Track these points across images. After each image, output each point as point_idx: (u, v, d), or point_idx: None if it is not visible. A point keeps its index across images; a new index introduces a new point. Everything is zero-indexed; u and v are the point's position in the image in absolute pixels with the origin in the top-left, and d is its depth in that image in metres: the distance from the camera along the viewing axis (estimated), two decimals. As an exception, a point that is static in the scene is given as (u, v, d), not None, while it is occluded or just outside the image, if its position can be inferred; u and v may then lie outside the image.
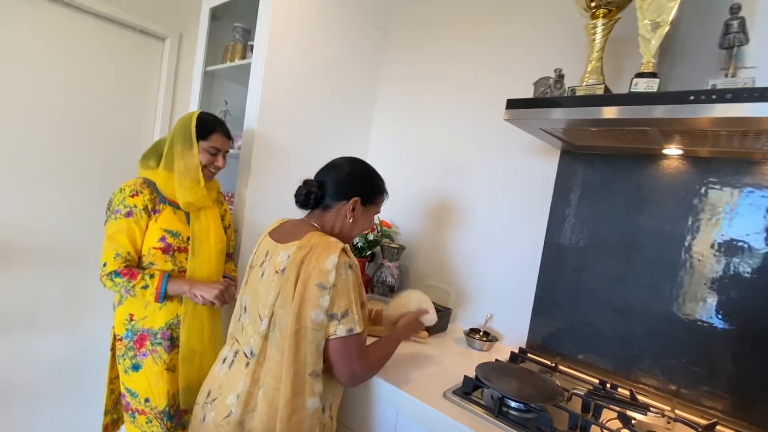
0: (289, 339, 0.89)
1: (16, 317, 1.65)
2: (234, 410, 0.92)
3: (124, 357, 1.24)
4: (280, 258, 0.96)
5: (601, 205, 1.37)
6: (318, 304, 0.89)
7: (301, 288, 0.89)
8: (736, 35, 0.84)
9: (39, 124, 1.62)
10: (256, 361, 0.94)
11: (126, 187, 1.23)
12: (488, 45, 1.68)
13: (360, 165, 1.13)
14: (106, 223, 1.22)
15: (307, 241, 0.95)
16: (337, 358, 0.92)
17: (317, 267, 0.90)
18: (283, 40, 1.62)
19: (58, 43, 1.62)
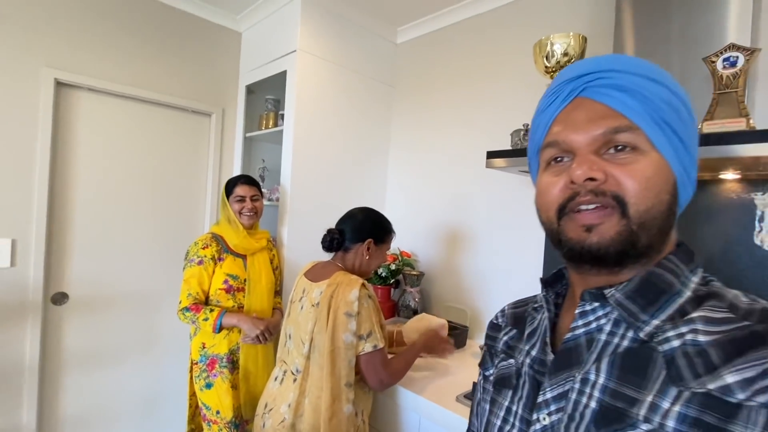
0: (326, 357, 1.15)
1: (106, 355, 1.99)
2: (287, 416, 1.18)
3: (200, 378, 1.55)
4: (314, 294, 1.23)
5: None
6: (347, 328, 1.15)
7: (332, 316, 1.16)
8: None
9: (119, 194, 2.00)
10: (302, 376, 1.20)
11: (199, 241, 1.59)
12: (479, 95, 1.94)
13: (371, 213, 1.41)
14: (184, 269, 1.57)
15: (334, 279, 1.22)
16: (367, 368, 1.17)
17: (344, 299, 1.16)
18: (307, 108, 1.95)
19: (130, 128, 2.02)
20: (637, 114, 0.42)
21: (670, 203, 0.43)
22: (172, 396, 2.19)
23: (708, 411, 0.37)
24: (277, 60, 2.02)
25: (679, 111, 0.43)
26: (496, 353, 0.60)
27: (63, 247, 1.86)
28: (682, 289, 0.44)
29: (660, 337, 0.41)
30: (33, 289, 1.76)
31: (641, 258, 0.44)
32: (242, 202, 1.66)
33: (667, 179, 0.43)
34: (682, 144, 0.43)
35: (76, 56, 1.83)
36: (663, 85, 0.43)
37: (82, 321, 1.92)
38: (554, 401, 0.46)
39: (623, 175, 0.42)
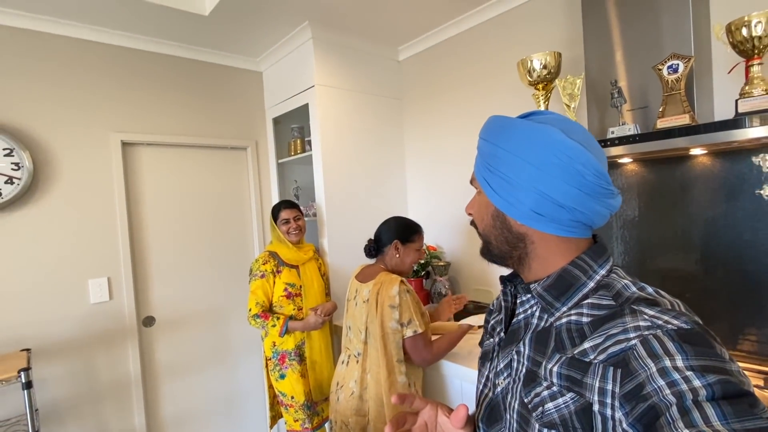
0: (379, 341, 1.45)
1: (187, 365, 2.36)
2: (354, 390, 1.50)
3: (274, 371, 1.90)
4: (364, 292, 1.54)
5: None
6: (391, 317, 1.45)
7: (380, 309, 1.46)
8: (617, 99, 1.30)
9: (181, 228, 2.36)
10: (362, 357, 1.51)
11: (260, 258, 1.93)
12: (480, 98, 2.19)
13: (397, 219, 1.70)
14: (250, 282, 1.91)
15: (379, 279, 1.52)
16: (411, 350, 1.47)
17: (387, 294, 1.46)
18: (330, 133, 2.25)
19: (182, 170, 2.37)
20: (476, 167, 0.64)
21: (492, 225, 0.62)
22: (248, 393, 2.56)
23: (573, 369, 0.50)
24: (298, 95, 2.32)
25: (497, 156, 0.59)
26: (486, 333, 0.76)
27: (145, 279, 2.23)
28: (587, 281, 0.57)
29: (559, 318, 0.56)
30: (128, 315, 2.13)
31: (507, 258, 0.63)
32: (287, 224, 1.98)
33: (487, 209, 0.63)
34: (503, 180, 0.58)
35: (134, 119, 2.18)
36: (484, 140, 0.62)
37: (168, 338, 2.30)
38: (504, 369, 0.61)
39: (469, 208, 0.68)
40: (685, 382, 0.41)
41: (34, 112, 1.90)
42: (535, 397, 0.53)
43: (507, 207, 0.59)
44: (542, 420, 0.52)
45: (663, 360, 0.44)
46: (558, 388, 0.51)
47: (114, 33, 2.09)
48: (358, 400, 1.49)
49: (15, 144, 1.82)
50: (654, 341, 0.45)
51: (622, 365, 0.46)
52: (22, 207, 1.87)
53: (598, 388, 0.47)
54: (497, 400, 0.62)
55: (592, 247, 0.60)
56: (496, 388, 0.62)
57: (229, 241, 2.54)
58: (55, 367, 1.93)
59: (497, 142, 0.59)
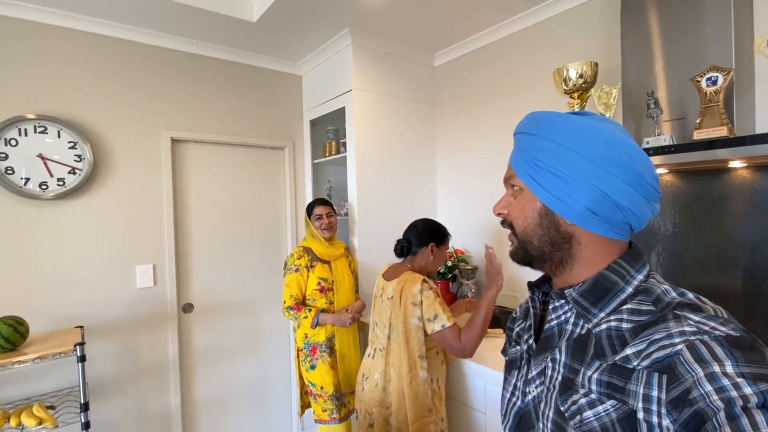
0: (402, 336, 1.51)
1: (221, 351, 2.48)
2: (379, 382, 1.56)
3: (305, 361, 1.98)
4: (389, 290, 1.60)
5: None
6: (413, 314, 1.50)
7: (403, 306, 1.52)
8: (653, 110, 1.30)
9: (222, 221, 2.49)
10: (386, 351, 1.57)
11: (294, 253, 2.03)
12: (512, 107, 2.21)
13: (431, 222, 1.75)
14: (285, 276, 2.00)
15: (402, 278, 1.58)
16: (443, 342, 1.51)
17: (409, 292, 1.51)
18: (364, 135, 2.32)
19: (225, 167, 2.50)
20: (516, 164, 0.61)
21: (538, 223, 0.59)
22: (276, 381, 2.66)
23: (614, 376, 0.49)
24: (335, 98, 2.41)
25: (548, 151, 0.56)
26: (511, 341, 0.74)
27: (187, 268, 2.37)
28: (625, 286, 0.55)
29: (598, 325, 0.54)
30: (170, 301, 2.27)
31: (545, 261, 0.60)
32: (321, 220, 2.07)
33: (533, 207, 0.59)
34: (554, 175, 0.56)
35: (183, 118, 2.33)
36: (535, 135, 0.59)
37: (204, 325, 2.43)
38: (537, 377, 0.60)
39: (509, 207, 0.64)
40: (735, 389, 0.40)
41: (94, 109, 2.07)
42: (573, 404, 0.52)
43: (558, 204, 0.56)
44: (581, 428, 0.50)
45: (711, 365, 0.42)
46: (597, 395, 0.50)
47: (168, 37, 2.24)
48: (382, 392, 1.54)
49: (78, 137, 1.99)
50: (701, 346, 0.44)
51: (668, 371, 0.45)
52: (81, 196, 2.03)
53: (643, 395, 0.46)
54: (528, 409, 0.60)
55: (629, 251, 0.58)
56: (526, 396, 0.61)
57: (265, 236, 2.65)
58: (103, 345, 2.09)
59: (549, 136, 0.56)
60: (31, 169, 1.90)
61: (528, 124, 0.61)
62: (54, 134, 1.95)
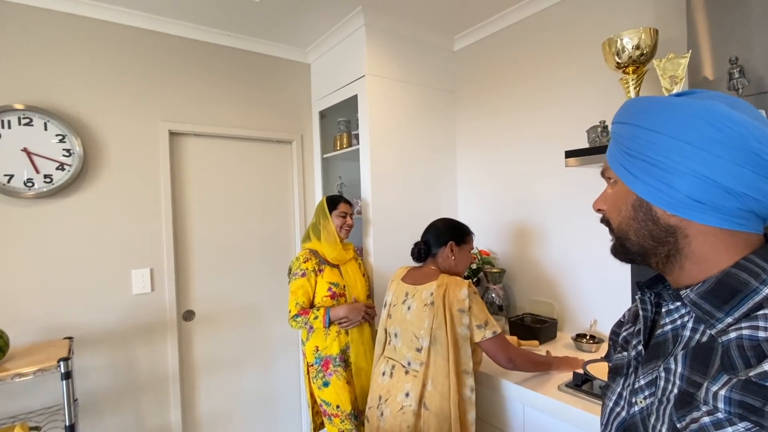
0: (450, 348, 1.30)
1: (225, 362, 2.29)
2: (406, 404, 1.34)
3: (317, 378, 1.76)
4: (424, 295, 1.38)
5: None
6: (461, 322, 1.31)
7: (449, 313, 1.32)
8: (737, 80, 1.07)
9: (225, 221, 2.30)
10: (424, 369, 1.34)
11: (300, 256, 1.81)
12: (545, 93, 1.98)
13: (448, 220, 1.56)
14: (290, 282, 1.79)
15: (442, 281, 1.37)
16: (494, 351, 1.33)
17: (456, 297, 1.31)
18: (378, 126, 2.11)
19: (227, 162, 2.31)
20: (610, 155, 0.59)
21: (633, 216, 0.56)
22: (285, 394, 2.46)
23: (749, 394, 0.42)
24: (347, 86, 2.20)
25: (639, 138, 0.53)
26: (616, 346, 0.69)
27: (187, 272, 2.19)
28: (760, 287, 0.47)
29: (725, 332, 0.48)
30: (169, 308, 2.09)
31: (650, 256, 0.56)
32: (344, 219, 1.88)
33: (626, 199, 0.56)
34: (648, 163, 0.53)
35: (182, 109, 2.14)
36: (627, 123, 0.56)
37: (207, 333, 2.24)
38: (646, 387, 0.55)
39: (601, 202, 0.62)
40: None
41: (85, 98, 1.89)
42: (692, 422, 0.46)
43: (653, 194, 0.52)
44: None
45: None
46: (726, 414, 0.44)
47: (165, 21, 2.06)
48: (414, 416, 1.33)
49: (68, 130, 1.81)
50: None
51: None
52: (71, 194, 1.86)
53: None
54: (634, 421, 0.56)
55: (765, 246, 0.51)
56: (633, 407, 0.56)
57: (271, 237, 2.46)
58: (97, 356, 1.91)
59: (640, 122, 0.53)
60: (14, 164, 1.73)
61: (621, 112, 0.58)
62: (40, 126, 1.77)
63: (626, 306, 1.71)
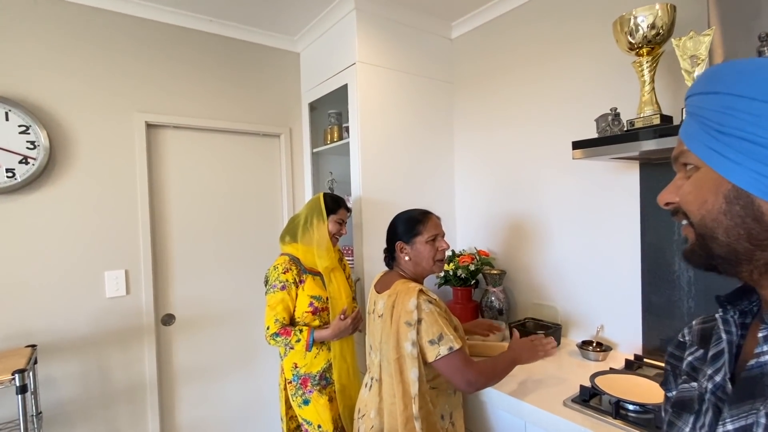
0: (393, 365, 1.17)
1: (207, 369, 2.16)
2: (375, 423, 1.22)
3: (296, 396, 1.62)
4: (379, 306, 1.27)
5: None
6: (407, 337, 1.15)
7: (395, 326, 1.18)
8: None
9: (207, 219, 2.16)
10: (378, 384, 1.24)
11: (279, 265, 1.62)
12: (547, 80, 1.84)
13: (396, 217, 1.41)
14: (267, 294, 1.60)
15: (394, 289, 1.24)
16: (449, 371, 1.15)
17: (403, 309, 1.17)
18: (370, 118, 1.98)
19: (210, 157, 2.17)
20: (688, 135, 0.46)
21: (724, 210, 0.44)
22: (270, 402, 2.32)
23: None
24: (337, 75, 2.07)
25: (737, 110, 0.42)
26: (679, 373, 0.58)
27: (166, 273, 2.05)
28: None
29: None
30: (146, 312, 1.95)
31: (740, 263, 0.44)
32: (340, 226, 1.69)
33: (716, 188, 0.44)
34: (750, 143, 0.41)
35: (160, 99, 2.00)
36: (716, 93, 0.44)
37: (188, 339, 2.10)
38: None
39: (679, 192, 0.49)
40: None
41: (52, 87, 1.75)
42: None
43: (757, 183, 0.41)
44: None
45: None
46: None
47: (143, 4, 1.92)
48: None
49: (32, 121, 1.68)
50: None
51: None
52: (36, 190, 1.72)
53: None
54: None
55: None
56: None
57: (257, 237, 2.32)
58: (67, 365, 1.77)
59: (739, 90, 0.42)
60: (-28, 157, 1.59)
61: (704, 81, 0.46)
62: (0, 116, 1.63)
63: (636, 313, 1.59)
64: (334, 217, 1.67)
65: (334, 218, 1.67)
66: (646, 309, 1.57)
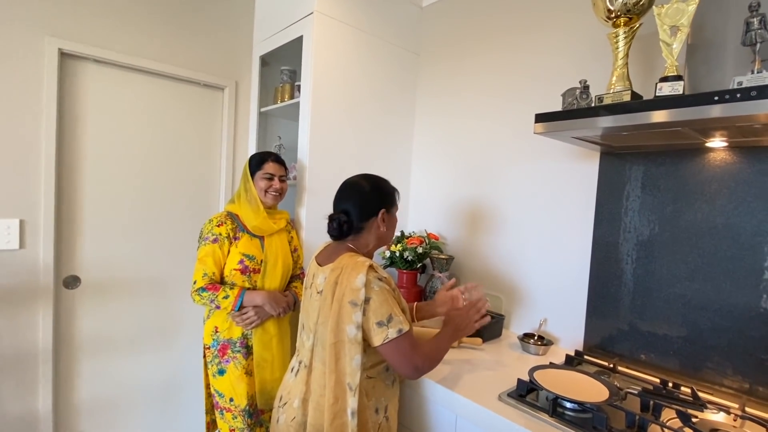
0: (329, 351, 1.01)
1: (121, 341, 1.92)
2: (297, 415, 1.06)
3: (212, 363, 1.46)
4: (319, 280, 1.09)
5: (648, 202, 1.37)
6: (352, 320, 0.99)
7: (336, 306, 1.01)
8: (757, 32, 0.85)
9: (130, 172, 1.90)
10: (307, 372, 1.07)
11: (214, 218, 1.49)
12: (517, 55, 1.73)
13: (374, 179, 1.21)
14: (198, 248, 1.46)
15: (339, 263, 1.07)
16: (396, 356, 1.01)
17: (348, 286, 1.01)
18: (325, 77, 1.79)
19: (140, 102, 1.90)
20: None
21: None
22: (190, 385, 2.11)
23: None
24: (292, 25, 1.86)
25: None
26: None
27: (73, 228, 1.78)
28: None
29: None
30: (44, 272, 1.68)
31: None
32: (270, 181, 1.55)
33: None
34: None
35: (81, 24, 1.71)
36: None
37: (95, 305, 1.85)
38: None
39: None
40: None
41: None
42: None
43: None
44: None
45: None
46: None
47: None
48: (299, 428, 1.05)
49: None
50: None
51: None
52: None
53: None
54: None
55: None
56: None
57: (189, 199, 2.08)
58: (-67, 325, 1.49)
59: None
60: None
61: None
62: None
63: (580, 308, 1.52)
64: (260, 173, 1.54)
65: (260, 174, 1.53)
66: (591, 305, 1.51)
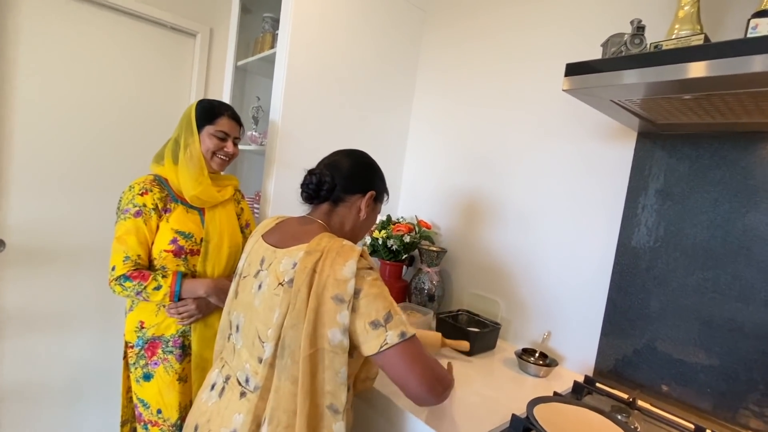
0: (303, 365, 0.71)
1: (50, 317, 1.65)
2: None
3: (136, 366, 1.16)
4: (283, 266, 0.78)
5: (693, 199, 1.08)
6: (335, 321, 0.71)
7: (314, 302, 0.71)
8: None
9: (71, 125, 1.61)
10: (259, 395, 0.75)
11: (135, 185, 1.14)
12: (543, 7, 1.43)
13: (374, 161, 1.00)
14: (116, 224, 1.13)
15: (317, 244, 0.77)
16: (402, 370, 0.72)
17: (332, 276, 0.72)
18: (308, 27, 1.49)
19: (92, 42, 1.61)
20: None
21: None
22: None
23: None
24: (275, -41, 1.55)
25: None
26: None
27: (-3, 183, 1.50)
28: None
29: None
30: (-45, 231, 1.41)
31: None
32: (223, 141, 1.20)
33: None
34: None
35: (13, -66, 1.41)
36: None
37: (22, 275, 1.58)
38: None
39: None
40: None
41: None
42: None
43: None
44: None
45: None
46: None
47: None
48: None
49: None
50: None
51: None
52: None
53: None
54: None
55: None
56: None
57: (145, 161, 1.76)
58: None
59: None
60: None
61: None
62: None
63: (595, 323, 1.24)
64: (210, 128, 1.18)
65: (211, 130, 1.18)
66: (609, 321, 1.22)
